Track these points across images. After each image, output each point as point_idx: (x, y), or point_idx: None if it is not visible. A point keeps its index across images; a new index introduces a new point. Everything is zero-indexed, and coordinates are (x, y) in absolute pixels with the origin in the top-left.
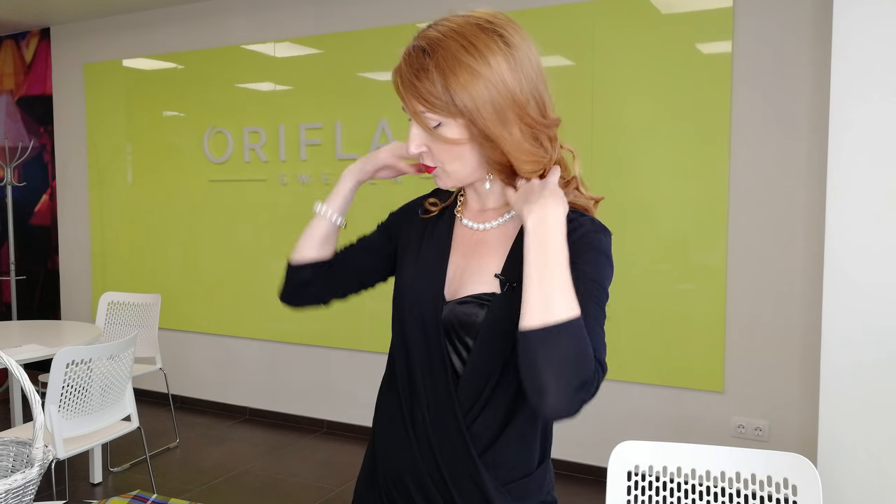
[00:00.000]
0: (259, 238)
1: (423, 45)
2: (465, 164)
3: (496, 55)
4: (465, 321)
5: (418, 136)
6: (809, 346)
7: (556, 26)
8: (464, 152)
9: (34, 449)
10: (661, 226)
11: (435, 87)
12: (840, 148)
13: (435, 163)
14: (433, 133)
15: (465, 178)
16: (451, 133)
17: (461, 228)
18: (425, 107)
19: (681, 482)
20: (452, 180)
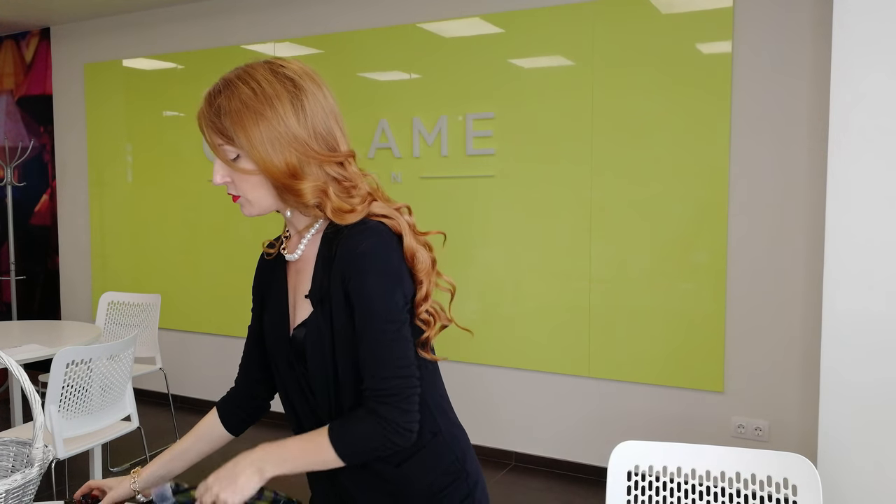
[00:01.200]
0: (259, 238)
1: (220, 86)
2: (265, 193)
3: (282, 97)
4: (297, 347)
5: (221, 167)
6: (809, 346)
7: (556, 26)
8: (260, 182)
9: (34, 449)
10: (661, 226)
11: (224, 123)
12: (840, 147)
13: (238, 192)
14: (231, 164)
15: (268, 206)
16: (247, 165)
17: (289, 263)
18: (221, 139)
19: (681, 482)
20: (256, 208)
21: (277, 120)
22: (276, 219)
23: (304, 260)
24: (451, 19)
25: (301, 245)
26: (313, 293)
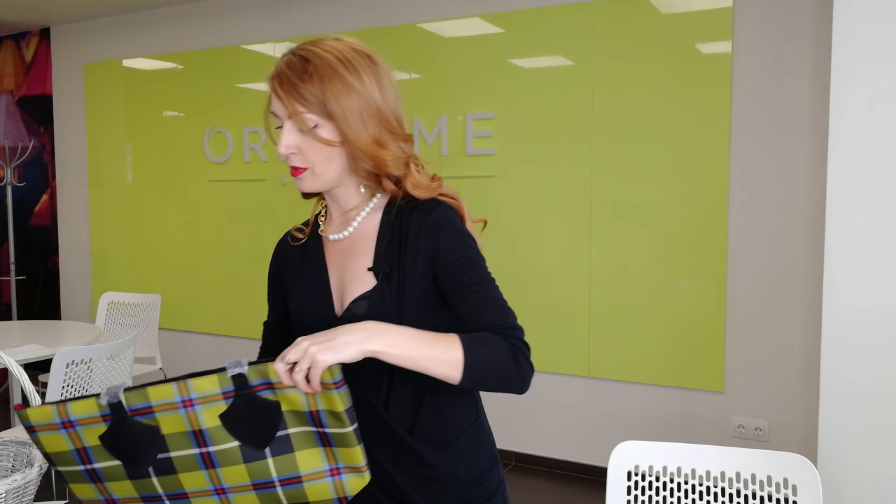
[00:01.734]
0: (259, 238)
1: (305, 55)
2: (334, 166)
3: (367, 72)
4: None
5: (294, 137)
6: (809, 346)
7: (556, 26)
8: (335, 154)
9: (34, 449)
10: (662, 226)
11: (314, 89)
12: (840, 147)
13: (305, 164)
14: (311, 133)
15: (332, 180)
16: (326, 135)
17: (329, 244)
18: (305, 107)
19: (681, 482)
20: (319, 182)
21: (365, 91)
22: (275, 220)
23: (355, 237)
24: (451, 19)
25: (354, 223)
26: (378, 266)
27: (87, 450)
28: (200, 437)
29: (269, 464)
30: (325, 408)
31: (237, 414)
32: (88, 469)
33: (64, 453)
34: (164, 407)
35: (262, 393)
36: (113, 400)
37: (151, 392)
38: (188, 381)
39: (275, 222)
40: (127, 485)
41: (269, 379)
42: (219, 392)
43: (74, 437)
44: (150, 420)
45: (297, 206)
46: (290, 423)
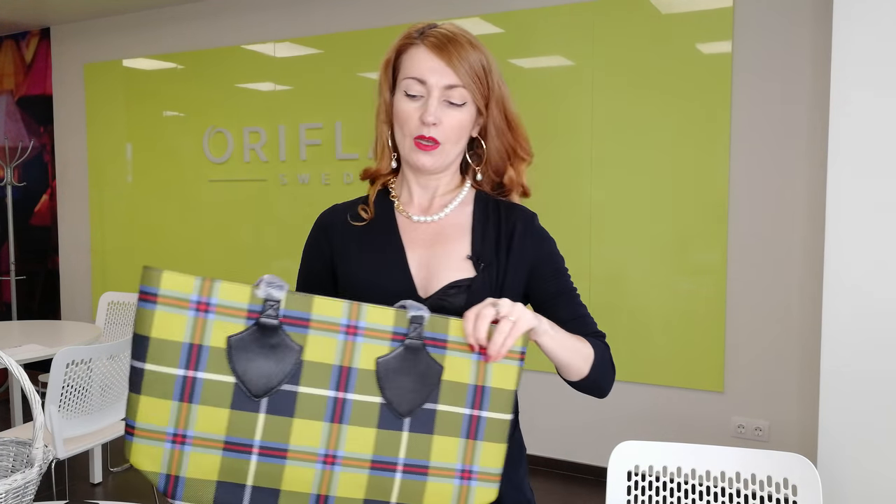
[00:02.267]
0: (259, 238)
1: (468, 37)
2: (459, 147)
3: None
4: (450, 309)
5: (442, 108)
6: (809, 345)
7: (556, 26)
8: (464, 136)
9: (34, 449)
10: (661, 226)
11: (481, 69)
12: (840, 147)
13: (443, 138)
14: (457, 109)
15: (451, 161)
16: (469, 114)
17: (410, 224)
18: (465, 81)
19: (681, 482)
20: (446, 159)
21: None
22: (275, 220)
23: (445, 223)
24: (451, 19)
25: (448, 208)
26: (481, 256)
27: (203, 350)
28: (345, 377)
29: (402, 438)
30: (495, 385)
31: (397, 363)
32: (187, 377)
33: (169, 344)
34: (323, 325)
35: (431, 350)
36: (274, 295)
37: (317, 303)
38: (362, 306)
39: (275, 222)
40: (220, 416)
41: (447, 335)
42: (390, 330)
43: (199, 327)
44: (298, 336)
45: (297, 206)
46: (444, 398)
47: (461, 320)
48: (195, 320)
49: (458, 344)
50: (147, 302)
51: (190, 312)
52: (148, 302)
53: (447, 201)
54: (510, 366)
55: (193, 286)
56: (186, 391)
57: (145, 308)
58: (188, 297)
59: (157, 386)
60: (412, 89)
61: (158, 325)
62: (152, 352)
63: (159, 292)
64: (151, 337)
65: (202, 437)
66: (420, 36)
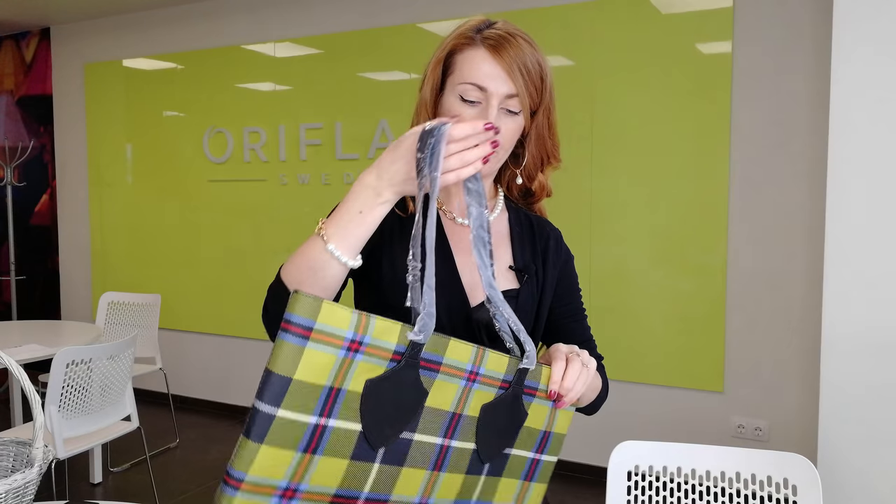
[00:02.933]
0: (259, 238)
1: (529, 40)
2: (506, 154)
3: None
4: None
5: (498, 117)
6: (809, 346)
7: (556, 26)
8: (513, 143)
9: (34, 449)
10: (661, 226)
11: (539, 78)
12: (840, 147)
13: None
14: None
15: (499, 166)
16: (520, 123)
17: (454, 226)
18: (523, 91)
19: (681, 482)
20: (498, 164)
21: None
22: (275, 220)
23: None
24: (450, 19)
25: (493, 214)
26: (525, 268)
27: (341, 394)
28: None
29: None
30: (557, 430)
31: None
32: (318, 426)
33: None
34: (451, 370)
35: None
36: (424, 339)
37: (452, 346)
38: (486, 352)
39: (275, 222)
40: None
41: (538, 384)
42: (500, 378)
43: (345, 368)
44: (427, 381)
45: (297, 205)
46: (518, 444)
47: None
48: (343, 361)
49: (543, 391)
50: (296, 336)
51: (342, 352)
52: (297, 336)
53: (491, 207)
54: (569, 412)
55: (350, 322)
56: (314, 441)
57: (292, 343)
58: (343, 333)
59: (286, 434)
60: (469, 94)
61: (306, 366)
62: (291, 396)
63: (315, 326)
64: (294, 379)
65: (314, 492)
66: (477, 34)
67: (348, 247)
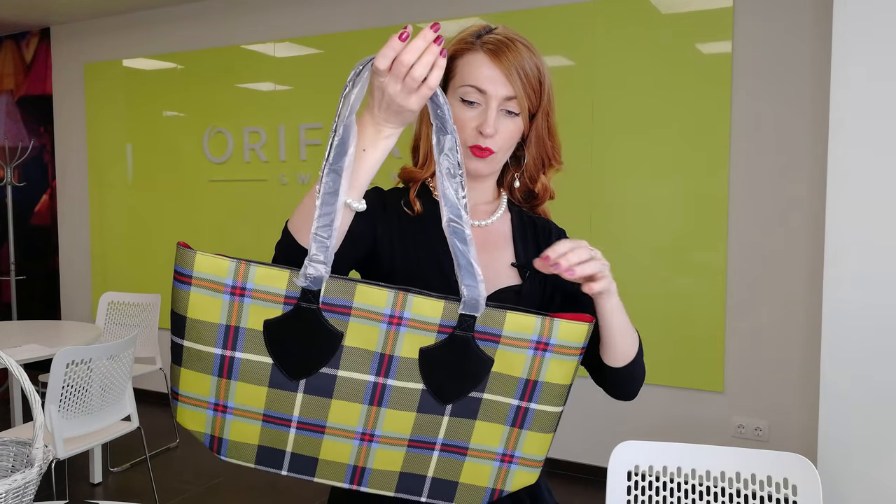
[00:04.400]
0: (259, 238)
1: (528, 45)
2: (509, 154)
3: None
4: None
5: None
6: (810, 346)
7: (556, 26)
8: (513, 144)
9: (34, 449)
10: (661, 226)
11: (537, 81)
12: (840, 147)
13: (497, 147)
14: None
15: (499, 169)
16: (519, 124)
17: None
18: (522, 93)
19: (681, 482)
20: (496, 167)
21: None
22: (275, 220)
23: (491, 230)
24: (450, 19)
25: (495, 215)
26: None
27: (240, 331)
28: (386, 364)
29: (441, 422)
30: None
31: (441, 355)
32: (224, 356)
33: (206, 325)
34: (365, 313)
35: (482, 343)
36: (312, 286)
37: (360, 291)
38: (409, 296)
39: (275, 222)
40: (258, 393)
41: (501, 330)
42: (436, 322)
43: (235, 310)
44: (338, 322)
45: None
46: (492, 388)
47: (519, 314)
48: (231, 304)
49: (513, 339)
50: (181, 283)
51: (225, 296)
52: (182, 283)
53: (492, 209)
54: (567, 361)
55: (228, 270)
56: (225, 368)
57: (180, 288)
58: (223, 280)
59: (197, 361)
60: (469, 96)
61: (194, 307)
62: (189, 330)
63: (193, 274)
64: (188, 317)
65: (242, 409)
66: (477, 40)
67: (355, 188)
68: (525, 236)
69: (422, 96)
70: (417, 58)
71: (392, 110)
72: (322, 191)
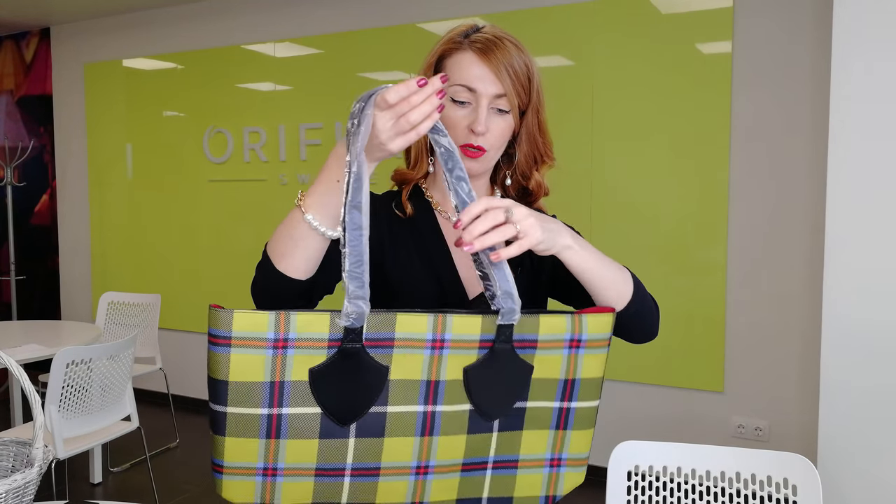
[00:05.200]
0: (259, 238)
1: (516, 43)
2: (501, 152)
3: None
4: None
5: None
6: (810, 345)
7: (556, 26)
8: (505, 142)
9: (34, 449)
10: (661, 226)
11: (526, 78)
12: (840, 147)
13: (488, 145)
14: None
15: (491, 167)
16: (510, 121)
17: (450, 225)
18: (511, 90)
19: (681, 482)
20: (488, 165)
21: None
22: (275, 220)
23: None
24: (450, 19)
25: None
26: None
27: (286, 385)
28: (433, 391)
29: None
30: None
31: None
32: (272, 416)
33: (250, 386)
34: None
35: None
36: (356, 323)
37: (401, 321)
38: (447, 317)
39: (275, 223)
40: (309, 447)
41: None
42: (476, 339)
43: (278, 364)
44: (383, 357)
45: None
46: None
47: (550, 316)
48: (274, 358)
49: (549, 342)
50: (219, 346)
51: (268, 352)
52: (220, 346)
53: None
54: (599, 354)
55: (268, 323)
56: (273, 429)
57: (218, 352)
58: (264, 335)
59: (243, 427)
60: (459, 96)
61: (236, 369)
62: (233, 396)
63: (233, 335)
64: (230, 381)
65: (293, 468)
66: (465, 40)
67: (326, 215)
68: None
69: (407, 140)
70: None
71: (373, 144)
72: (347, 228)
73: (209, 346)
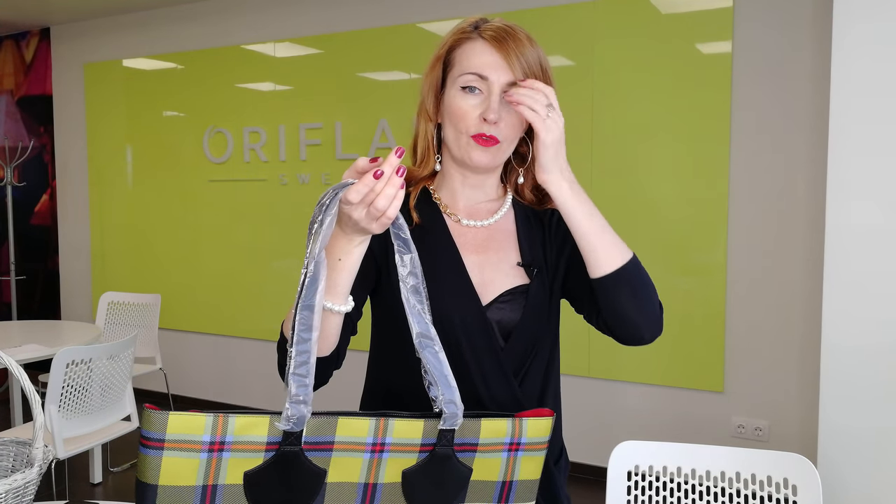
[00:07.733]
0: (259, 238)
1: (528, 35)
2: (513, 147)
3: None
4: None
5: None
6: (809, 345)
7: (556, 26)
8: (518, 135)
9: (34, 449)
10: (662, 226)
11: (539, 68)
12: (840, 147)
13: (502, 136)
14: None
15: (503, 161)
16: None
17: (460, 228)
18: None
19: (681, 482)
20: (502, 157)
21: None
22: (275, 220)
23: (495, 229)
24: (450, 19)
25: (499, 213)
26: (532, 263)
27: (218, 489)
28: (370, 494)
29: None
30: (522, 477)
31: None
32: None
33: (180, 491)
34: (348, 446)
35: (461, 455)
36: (295, 427)
37: (342, 424)
38: (389, 421)
39: (275, 222)
40: None
41: (478, 439)
42: (418, 443)
43: (213, 468)
44: (321, 460)
45: (297, 205)
46: (472, 497)
47: (491, 420)
48: (208, 461)
49: (489, 445)
50: (150, 448)
51: (202, 455)
52: (150, 448)
53: (495, 207)
54: (537, 457)
55: (205, 426)
56: None
57: (149, 455)
58: (199, 438)
59: None
60: (471, 83)
61: (166, 473)
62: (163, 499)
63: (166, 438)
64: (160, 485)
65: None
66: (475, 30)
67: (337, 294)
68: (531, 234)
69: (382, 224)
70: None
71: (359, 229)
72: (297, 329)
73: (140, 448)
